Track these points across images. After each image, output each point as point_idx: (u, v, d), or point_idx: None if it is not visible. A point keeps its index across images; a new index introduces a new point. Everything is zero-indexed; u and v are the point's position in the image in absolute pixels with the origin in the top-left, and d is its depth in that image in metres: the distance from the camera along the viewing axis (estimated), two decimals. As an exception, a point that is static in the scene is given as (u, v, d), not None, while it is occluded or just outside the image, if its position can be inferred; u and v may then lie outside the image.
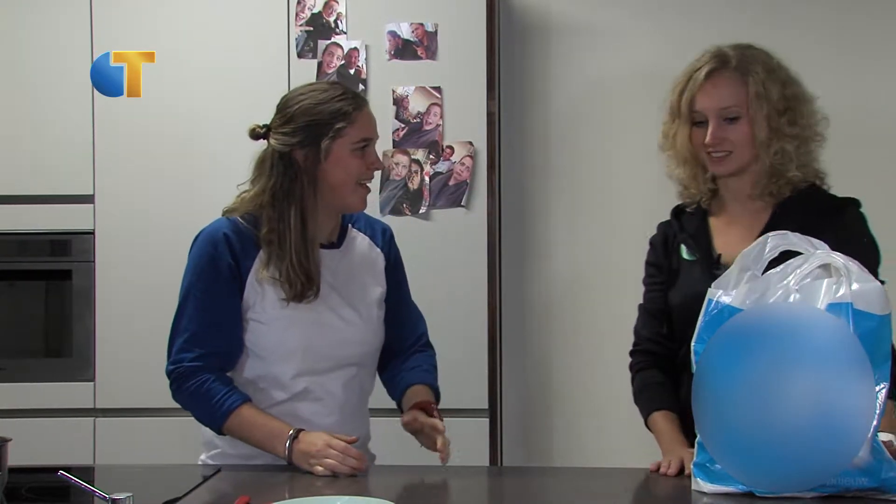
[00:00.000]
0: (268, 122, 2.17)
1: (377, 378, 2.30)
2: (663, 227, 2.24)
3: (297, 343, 2.10)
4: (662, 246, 2.21)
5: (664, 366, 2.19)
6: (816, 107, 2.12)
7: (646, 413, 2.17)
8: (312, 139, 2.09)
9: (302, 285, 2.07)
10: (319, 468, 1.94)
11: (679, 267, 2.16)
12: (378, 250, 2.25)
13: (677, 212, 2.22)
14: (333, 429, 2.08)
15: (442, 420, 2.10)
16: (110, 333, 3.13)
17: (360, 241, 2.24)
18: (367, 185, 2.15)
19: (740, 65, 2.07)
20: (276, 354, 2.10)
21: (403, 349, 2.27)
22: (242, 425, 2.06)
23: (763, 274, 1.81)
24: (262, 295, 2.10)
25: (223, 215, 2.17)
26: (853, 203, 2.10)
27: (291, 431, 2.01)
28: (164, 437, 3.06)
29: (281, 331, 2.09)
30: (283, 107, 2.15)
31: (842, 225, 2.01)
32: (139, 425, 3.11)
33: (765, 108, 2.04)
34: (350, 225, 2.24)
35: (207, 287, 2.10)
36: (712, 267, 2.08)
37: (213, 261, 2.10)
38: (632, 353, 2.25)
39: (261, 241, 2.10)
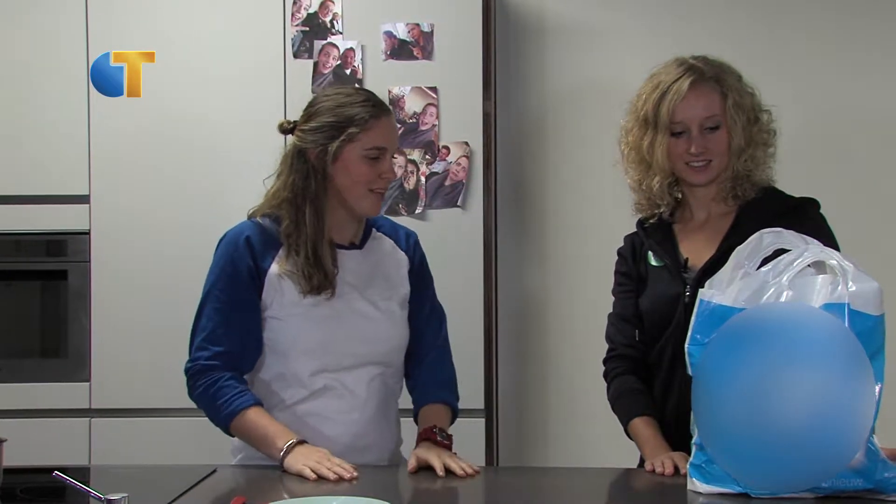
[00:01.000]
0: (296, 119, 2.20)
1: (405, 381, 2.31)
2: (630, 237, 2.28)
3: (317, 338, 2.12)
4: (631, 255, 2.25)
5: (640, 371, 2.21)
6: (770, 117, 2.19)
7: (625, 420, 2.18)
8: (325, 140, 2.12)
9: (318, 280, 2.10)
10: (308, 471, 1.94)
11: (647, 274, 2.20)
12: (402, 253, 2.27)
13: (643, 222, 2.25)
14: (357, 426, 2.13)
15: (447, 439, 2.12)
16: (106, 334, 3.13)
17: (383, 243, 2.26)
18: (381, 192, 2.17)
19: (716, 76, 2.11)
20: (295, 350, 2.12)
21: (425, 352, 2.28)
22: (247, 426, 2.07)
23: (756, 271, 1.82)
24: (280, 292, 2.12)
25: (248, 217, 2.21)
26: (812, 203, 2.15)
27: (294, 440, 2.02)
28: (159, 438, 3.06)
29: (299, 325, 2.12)
30: (309, 104, 2.19)
31: (803, 224, 2.02)
32: (135, 426, 3.10)
33: (741, 116, 2.10)
34: (374, 228, 2.27)
35: (226, 288, 2.13)
36: (680, 270, 2.12)
37: (233, 262, 2.13)
38: (606, 361, 2.28)
39: (281, 235, 2.13)
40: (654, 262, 2.19)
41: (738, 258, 1.85)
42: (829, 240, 2.07)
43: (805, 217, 2.09)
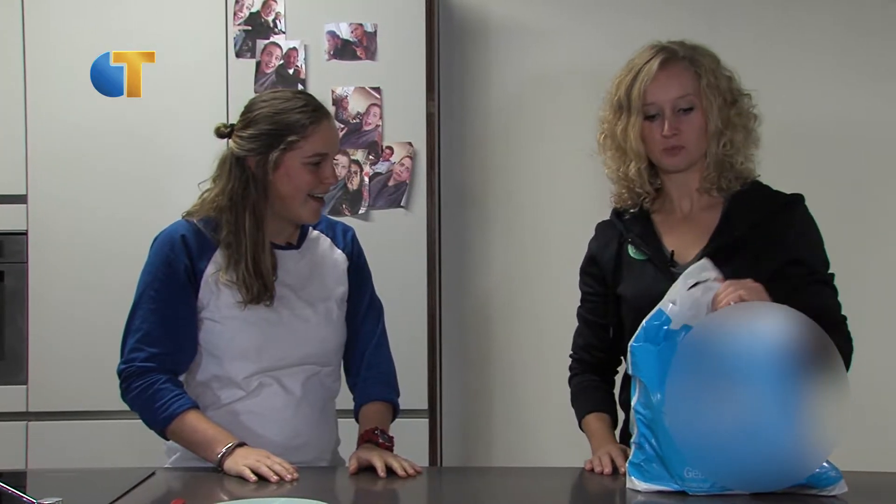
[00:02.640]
0: (233, 123, 2.17)
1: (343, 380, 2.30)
2: (603, 228, 2.23)
3: (253, 342, 2.10)
4: (603, 250, 2.18)
5: (600, 372, 2.22)
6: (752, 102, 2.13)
7: (580, 416, 2.19)
8: (265, 148, 2.09)
9: (258, 289, 2.08)
10: (248, 472, 1.93)
11: (626, 266, 2.14)
12: (339, 251, 2.26)
13: (619, 212, 2.20)
14: (292, 425, 2.12)
15: (388, 441, 2.12)
16: (43, 336, 3.08)
17: (320, 242, 2.25)
18: (321, 197, 2.15)
19: (689, 56, 2.07)
20: (231, 353, 2.11)
21: (363, 347, 2.27)
22: (185, 430, 2.05)
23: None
24: (216, 295, 2.10)
25: (183, 217, 2.17)
26: (801, 199, 2.11)
27: (234, 442, 2.01)
28: (98, 441, 3.03)
29: (235, 329, 2.10)
30: (246, 110, 2.15)
31: (794, 222, 2.05)
32: (74, 429, 3.06)
33: (717, 98, 2.05)
34: (311, 227, 2.25)
35: (162, 288, 2.10)
36: (668, 264, 2.07)
37: (168, 262, 2.10)
38: (570, 357, 2.28)
39: (220, 243, 2.11)
40: (634, 255, 2.13)
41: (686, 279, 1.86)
42: (816, 235, 2.08)
43: (794, 213, 2.07)
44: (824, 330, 1.79)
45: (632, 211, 2.17)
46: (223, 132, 2.16)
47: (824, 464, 1.75)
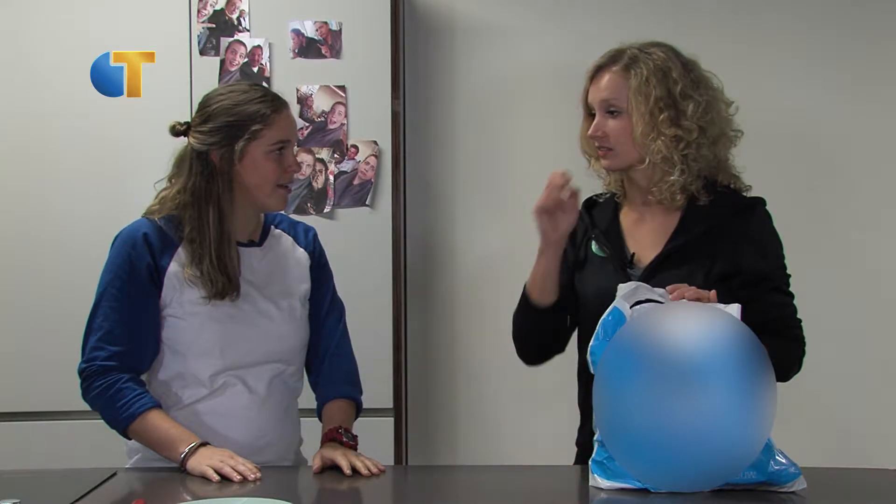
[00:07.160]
0: (188, 120, 2.17)
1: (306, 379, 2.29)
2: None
3: (216, 338, 2.10)
4: (570, 238, 2.18)
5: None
6: (715, 109, 2.10)
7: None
8: (228, 140, 2.09)
9: (223, 284, 2.08)
10: (211, 472, 1.93)
11: (587, 260, 2.16)
12: (301, 250, 2.26)
13: (589, 205, 2.23)
14: (256, 425, 2.12)
15: (352, 440, 2.12)
16: (1, 335, 3.06)
17: (282, 240, 2.25)
18: (287, 186, 2.16)
19: (628, 61, 2.09)
20: (194, 350, 2.10)
21: (325, 346, 2.27)
22: (147, 429, 2.04)
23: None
24: (179, 291, 2.10)
25: (144, 216, 2.16)
26: (759, 203, 2.12)
27: (197, 442, 2.00)
28: (58, 441, 3.00)
29: (199, 326, 2.09)
30: (203, 105, 2.15)
31: (749, 227, 2.07)
32: (32, 429, 3.03)
33: (644, 104, 2.05)
34: (273, 225, 2.25)
35: (124, 286, 2.09)
36: (626, 266, 2.09)
37: (130, 260, 2.09)
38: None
39: (184, 240, 2.11)
40: (596, 252, 2.15)
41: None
42: (771, 239, 2.10)
43: (750, 218, 2.08)
44: (776, 336, 1.91)
45: (600, 201, 2.22)
46: (179, 130, 2.16)
47: (783, 460, 1.77)
